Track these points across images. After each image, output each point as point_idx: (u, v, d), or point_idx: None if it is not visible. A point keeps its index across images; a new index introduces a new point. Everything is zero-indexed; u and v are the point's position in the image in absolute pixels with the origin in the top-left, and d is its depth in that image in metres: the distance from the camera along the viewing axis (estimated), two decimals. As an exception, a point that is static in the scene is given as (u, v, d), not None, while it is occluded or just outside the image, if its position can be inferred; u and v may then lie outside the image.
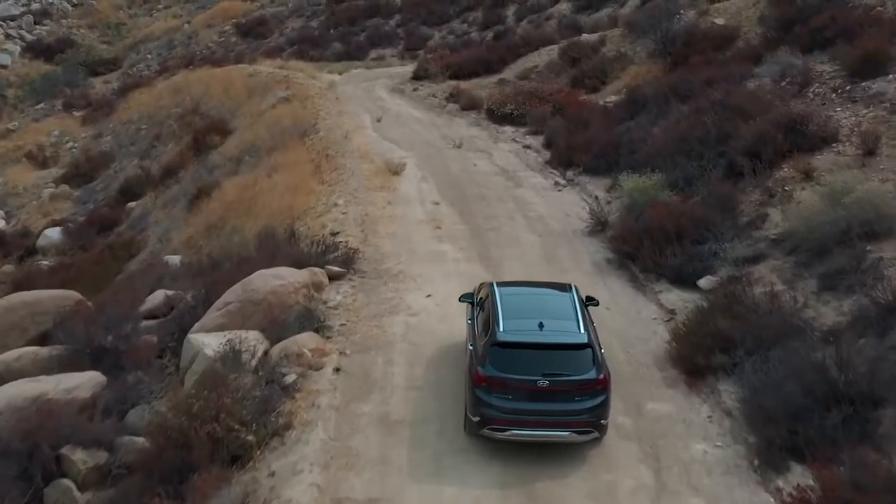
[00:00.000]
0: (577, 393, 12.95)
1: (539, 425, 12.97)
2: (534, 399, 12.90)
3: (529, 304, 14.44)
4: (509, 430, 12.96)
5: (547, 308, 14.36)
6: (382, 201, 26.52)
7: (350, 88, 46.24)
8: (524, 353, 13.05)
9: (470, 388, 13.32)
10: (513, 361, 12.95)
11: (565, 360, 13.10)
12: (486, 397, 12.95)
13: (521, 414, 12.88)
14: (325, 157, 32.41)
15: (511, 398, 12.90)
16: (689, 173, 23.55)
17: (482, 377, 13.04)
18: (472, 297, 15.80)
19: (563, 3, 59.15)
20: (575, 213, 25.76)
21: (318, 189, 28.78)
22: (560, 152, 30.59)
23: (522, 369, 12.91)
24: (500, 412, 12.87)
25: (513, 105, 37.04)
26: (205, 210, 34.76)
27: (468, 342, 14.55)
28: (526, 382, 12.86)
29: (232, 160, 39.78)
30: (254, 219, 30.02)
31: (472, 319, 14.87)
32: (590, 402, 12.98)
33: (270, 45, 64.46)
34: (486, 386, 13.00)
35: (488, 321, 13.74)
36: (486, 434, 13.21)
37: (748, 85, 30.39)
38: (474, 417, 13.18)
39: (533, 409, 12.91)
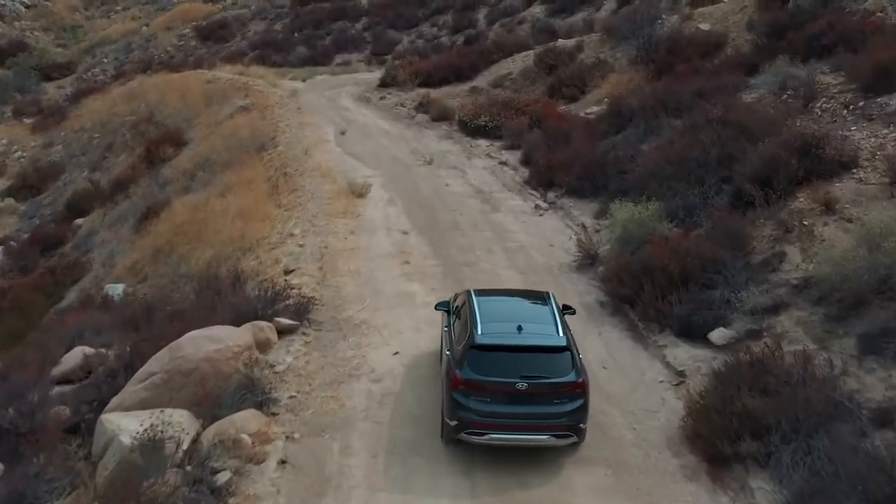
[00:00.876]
0: (555, 396, 12.49)
1: (518, 429, 12.54)
2: (512, 402, 12.46)
3: (507, 310, 14.13)
4: (488, 433, 12.49)
5: (525, 313, 13.93)
6: (344, 230, 23.36)
7: (313, 97, 43.01)
8: (503, 356, 12.60)
9: (447, 392, 12.79)
10: (491, 364, 12.52)
11: (544, 363, 12.66)
12: (464, 401, 12.48)
13: (499, 417, 12.43)
14: (283, 175, 29.20)
15: (489, 401, 12.44)
16: (689, 202, 20.59)
17: (460, 380, 12.54)
18: (447, 306, 15.36)
19: (537, 7, 56.26)
20: (559, 243, 22.77)
21: (273, 214, 25.59)
22: (540, 171, 27.57)
23: (501, 372, 12.46)
24: (478, 416, 12.41)
25: (487, 116, 34.00)
26: (153, 232, 31.48)
27: (444, 349, 14.01)
28: (504, 385, 12.41)
29: (185, 175, 36.48)
30: (203, 246, 26.83)
31: (449, 327, 14.42)
32: (569, 405, 12.51)
33: (232, 49, 61.07)
34: (464, 389, 12.52)
35: (466, 326, 13.28)
36: (464, 438, 12.67)
37: (744, 98, 27.60)
38: (451, 421, 12.64)
39: (511, 413, 12.46)
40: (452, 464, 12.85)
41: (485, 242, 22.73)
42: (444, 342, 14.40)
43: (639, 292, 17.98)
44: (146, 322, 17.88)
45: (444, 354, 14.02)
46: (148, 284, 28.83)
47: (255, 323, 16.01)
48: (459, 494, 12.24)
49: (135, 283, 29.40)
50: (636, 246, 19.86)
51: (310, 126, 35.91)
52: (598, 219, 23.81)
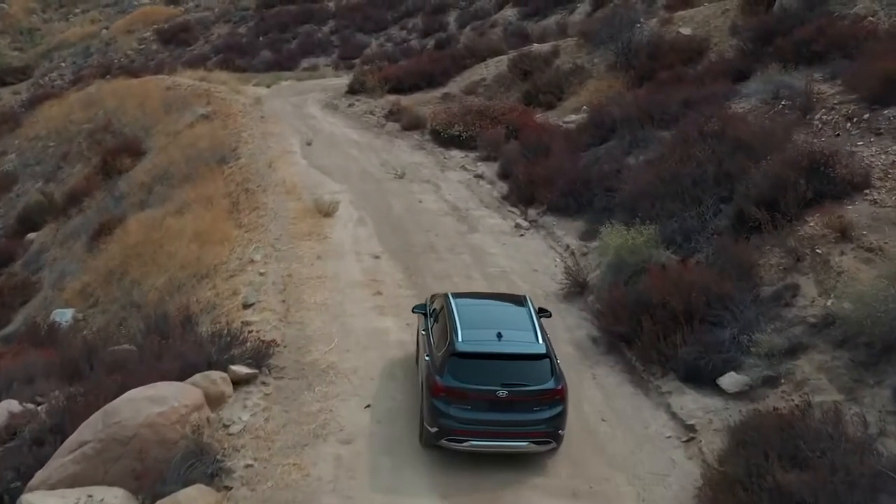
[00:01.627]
0: (535, 403, 12.43)
1: (498, 436, 12.43)
2: (493, 409, 12.36)
3: (486, 315, 13.92)
4: (468, 440, 12.39)
5: (503, 319, 13.80)
6: (310, 255, 21.26)
7: (278, 104, 40.79)
8: (483, 364, 12.49)
9: (428, 399, 12.59)
10: (472, 372, 12.39)
11: (524, 371, 12.58)
12: (445, 408, 12.36)
13: (480, 424, 12.31)
14: (245, 191, 27.03)
15: (470, 408, 12.32)
16: (687, 225, 18.71)
17: (441, 387, 12.43)
18: (425, 308, 15.04)
19: (509, 10, 54.36)
20: (544, 268, 20.85)
21: (233, 235, 23.43)
22: (519, 186, 25.62)
23: (481, 379, 12.35)
24: (458, 423, 12.29)
25: (461, 126, 32.00)
26: (106, 251, 29.24)
27: (424, 354, 13.67)
28: (485, 392, 12.30)
29: (142, 188, 34.18)
30: (157, 270, 24.69)
31: (427, 330, 14.13)
32: (548, 412, 12.44)
33: (194, 53, 58.63)
34: (445, 396, 12.39)
35: (446, 332, 13.09)
36: (445, 445, 12.51)
37: (734, 107, 25.84)
38: (432, 428, 12.47)
39: (492, 420, 12.37)
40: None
41: (463, 268, 20.75)
42: (423, 346, 14.08)
43: (637, 330, 16.07)
44: (86, 366, 15.67)
45: (423, 359, 13.66)
46: (99, 310, 26.64)
47: (207, 374, 13.90)
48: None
49: (85, 308, 27.21)
50: (630, 275, 17.96)
51: (274, 136, 33.73)
52: (584, 240, 21.90)
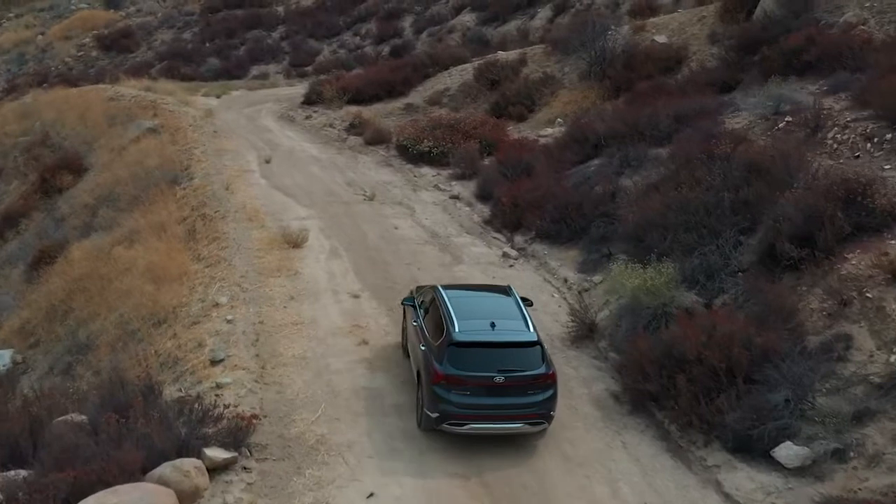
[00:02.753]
0: (529, 387, 13.07)
1: (495, 419, 13.06)
2: (490, 394, 12.99)
3: (477, 306, 14.51)
4: (468, 423, 13.00)
5: (494, 309, 14.36)
6: (282, 295, 18.83)
7: (231, 116, 38.11)
8: (480, 352, 13.12)
9: (428, 386, 13.11)
10: (469, 359, 12.98)
11: (518, 357, 13.23)
12: (445, 394, 12.95)
13: (478, 409, 12.95)
14: (202, 217, 24.42)
15: (469, 394, 12.93)
16: (709, 262, 16.62)
17: (441, 375, 13.00)
18: (413, 301, 15.51)
19: (466, 15, 52.22)
20: (542, 305, 18.65)
21: (191, 271, 20.85)
22: (504, 210, 23.42)
23: (479, 366, 12.96)
24: (458, 408, 12.91)
25: (431, 141, 29.72)
26: (47, 284, 26.39)
27: (419, 344, 14.09)
28: (483, 379, 12.94)
29: (85, 210, 31.35)
30: (106, 308, 22.03)
31: (418, 321, 14.63)
32: (541, 395, 13.11)
33: (137, 60, 55.45)
34: (445, 383, 12.97)
35: (441, 322, 13.63)
36: (445, 429, 13.10)
37: (728, 122, 24.02)
38: (433, 414, 13.04)
39: (489, 404, 12.99)
40: None
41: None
42: (415, 337, 14.55)
43: (668, 388, 13.96)
44: (29, 447, 13.06)
45: (418, 349, 14.08)
46: (41, 351, 23.90)
47: (178, 464, 11.44)
48: None
49: (25, 349, 24.41)
50: (649, 319, 15.83)
51: (229, 153, 31.10)
52: (584, 273, 19.79)
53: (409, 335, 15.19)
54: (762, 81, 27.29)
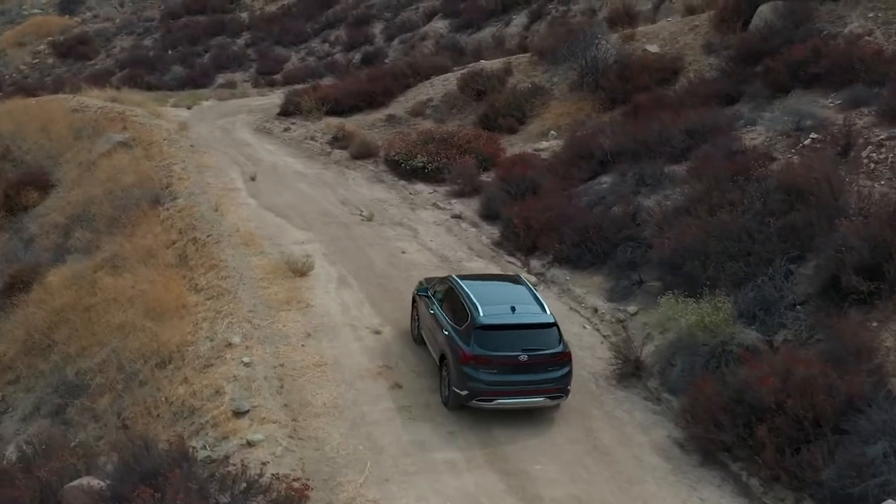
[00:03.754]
0: (549, 364, 14.15)
1: (520, 394, 14.09)
2: (514, 372, 14.02)
3: (495, 293, 15.45)
4: (495, 399, 14.05)
5: (510, 295, 15.31)
6: (297, 332, 17.38)
7: (205, 129, 36.35)
8: (504, 334, 14.19)
9: (456, 367, 14.04)
10: (495, 341, 14.01)
11: (538, 337, 14.31)
12: (474, 373, 13.91)
13: (504, 385, 13.99)
14: (193, 242, 22.79)
15: (496, 372, 13.94)
16: (765, 294, 15.53)
17: (470, 356, 13.96)
18: (426, 291, 16.52)
19: (438, 22, 50.98)
20: (574, 338, 17.43)
21: (191, 303, 19.27)
22: (517, 232, 22.14)
23: (504, 347, 14.04)
24: (486, 385, 13.90)
25: (424, 156, 28.35)
26: (24, 313, 24.48)
27: (441, 330, 15.00)
28: (509, 358, 13.97)
29: (57, 230, 29.45)
30: (96, 343, 20.40)
31: (435, 309, 15.57)
32: (559, 371, 14.23)
33: (96, 68, 53.22)
34: (474, 363, 13.90)
35: (463, 308, 14.69)
36: (474, 405, 14.07)
37: (745, 138, 23.14)
38: (462, 392, 14.00)
39: (514, 381, 14.03)
40: None
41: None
42: (433, 324, 15.58)
43: (744, 438, 12.81)
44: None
45: (439, 334, 15.08)
46: (21, 387, 22.09)
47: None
48: None
49: (3, 385, 22.56)
50: (707, 359, 14.70)
51: (210, 169, 29.43)
52: (614, 302, 18.63)
53: (426, 323, 16.12)
54: (767, 93, 26.54)
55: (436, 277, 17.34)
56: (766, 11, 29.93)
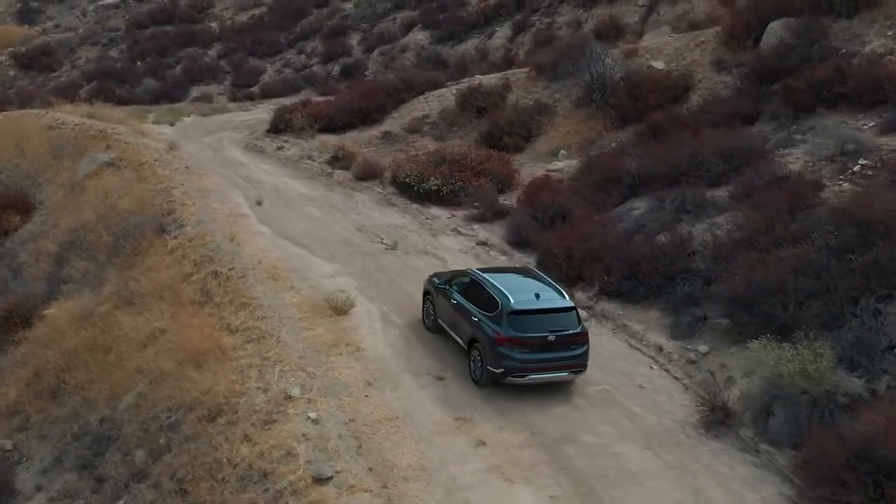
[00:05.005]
0: (571, 343, 15.88)
1: (548, 370, 15.85)
2: (543, 350, 15.73)
3: (517, 282, 17.06)
4: (527, 375, 15.81)
5: (530, 284, 17.06)
6: (356, 380, 16.28)
7: (194, 147, 34.87)
8: (533, 317, 15.94)
9: (491, 348, 15.76)
10: (526, 324, 15.80)
11: (561, 320, 16.03)
12: (509, 352, 15.63)
13: (535, 362, 15.73)
14: (213, 275, 21.46)
15: (528, 351, 15.68)
16: (863, 338, 14.83)
17: (505, 338, 15.67)
18: (444, 285, 18.01)
19: (418, 33, 49.95)
20: (646, 380, 16.78)
21: (228, 346, 17.98)
22: (559, 263, 21.21)
23: (534, 329, 15.80)
24: (520, 363, 15.65)
25: (438, 179, 27.31)
26: (26, 353, 23.01)
27: (468, 317, 16.69)
28: (539, 338, 15.72)
29: (48, 258, 27.85)
30: (120, 388, 19.10)
31: (457, 300, 17.22)
32: (579, 349, 15.97)
33: (61, 80, 51.10)
34: (509, 344, 15.62)
35: (492, 297, 16.38)
36: (509, 381, 15.77)
37: (783, 161, 22.59)
38: (498, 370, 15.71)
39: (543, 358, 15.76)
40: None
41: (551, 388, 16.26)
42: (457, 313, 17.18)
43: (875, 499, 12.05)
44: None
45: (465, 322, 16.79)
46: (34, 434, 20.68)
47: None
48: None
49: (12, 432, 21.08)
50: (811, 409, 13.95)
51: (212, 193, 28.03)
52: (678, 340, 17.83)
53: (447, 313, 17.63)
54: (789, 113, 26.07)
55: (449, 271, 19.17)
56: (778, 28, 29.50)
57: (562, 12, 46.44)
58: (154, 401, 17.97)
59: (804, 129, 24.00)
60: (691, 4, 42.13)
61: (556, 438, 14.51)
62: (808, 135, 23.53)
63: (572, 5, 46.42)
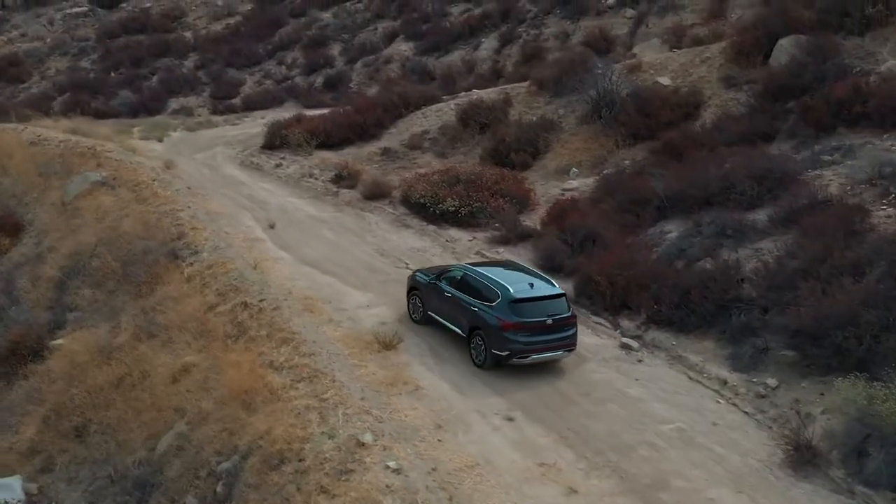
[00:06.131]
0: (564, 325, 17.74)
1: (547, 350, 17.67)
2: (542, 333, 17.53)
3: (508, 275, 18.68)
4: (530, 356, 17.53)
5: (519, 276, 18.73)
6: (424, 423, 15.66)
7: (188, 165, 33.86)
8: (532, 304, 17.63)
9: (497, 333, 17.45)
10: (526, 310, 17.53)
11: (554, 305, 17.84)
12: (513, 336, 17.37)
13: (535, 344, 17.48)
14: (243, 307, 20.61)
15: (529, 334, 17.42)
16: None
17: (510, 323, 17.37)
18: (434, 279, 19.59)
19: (402, 44, 49.34)
20: (714, 415, 16.31)
21: (277, 385, 17.17)
22: (602, 291, 20.76)
23: (534, 314, 17.54)
24: (523, 345, 17.39)
25: (455, 200, 26.72)
26: (39, 387, 22.00)
27: (466, 308, 18.35)
28: (539, 322, 17.48)
29: (48, 285, 26.75)
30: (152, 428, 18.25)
31: (451, 293, 18.91)
32: (571, 331, 17.88)
33: (32, 91, 49.43)
34: (513, 329, 17.34)
35: (490, 288, 18.12)
36: (514, 362, 17.50)
37: (816, 184, 22.41)
38: (504, 352, 17.44)
39: (543, 340, 17.57)
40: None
41: (624, 425, 15.80)
42: (452, 305, 18.81)
43: None
44: None
45: (462, 312, 18.45)
46: (61, 476, 19.68)
47: None
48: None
49: (35, 474, 20.06)
50: (907, 448, 13.66)
51: (220, 215, 27.14)
52: (742, 372, 17.48)
53: (439, 306, 19.18)
54: (808, 132, 25.98)
55: (433, 267, 20.74)
56: (788, 45, 29.46)
57: (548, 24, 46.24)
58: (199, 443, 17.14)
59: (830, 150, 23.86)
60: (680, 17, 42.15)
61: (647, 484, 14.01)
62: (837, 155, 23.37)
63: (559, 17, 46.19)
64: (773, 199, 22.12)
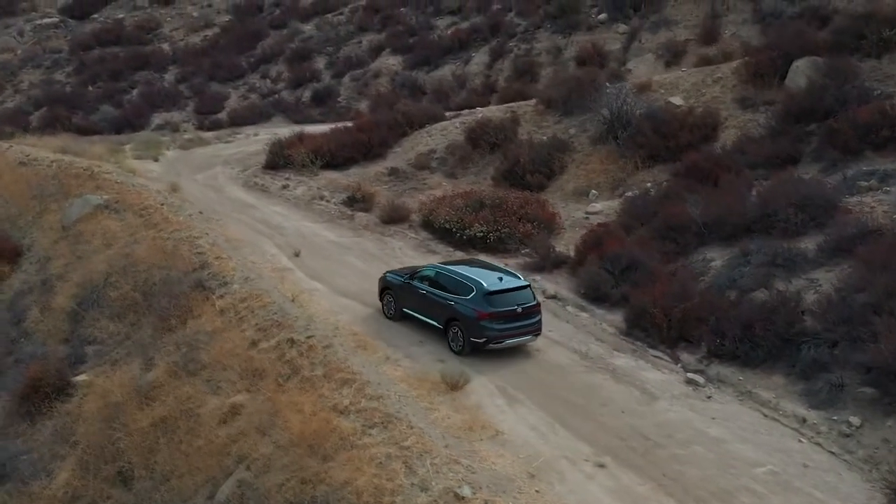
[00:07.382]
0: (531, 313, 19.79)
1: (518, 335, 19.74)
2: (513, 320, 19.57)
3: (477, 272, 20.61)
4: (504, 341, 19.55)
5: (487, 271, 20.82)
6: (516, 473, 15.14)
7: (193, 188, 32.93)
8: (503, 296, 19.63)
9: (474, 323, 19.46)
10: (498, 301, 19.50)
11: (522, 295, 19.84)
12: (489, 325, 19.35)
13: (508, 330, 19.57)
14: (290, 343, 19.85)
15: (502, 322, 19.43)
16: None
17: (485, 314, 19.36)
18: (407, 278, 21.46)
19: (390, 58, 48.71)
20: (799, 455, 16.08)
21: (348, 431, 16.48)
22: (658, 324, 20.43)
23: (506, 304, 19.52)
24: (497, 332, 19.44)
25: (483, 226, 26.26)
26: (80, 432, 21.04)
27: (442, 302, 20.29)
28: (510, 311, 19.49)
29: (62, 316, 25.71)
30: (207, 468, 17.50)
31: (426, 290, 20.83)
32: (536, 318, 19.94)
33: (7, 105, 47.77)
34: (488, 318, 19.32)
35: (465, 284, 20.10)
36: (490, 347, 19.51)
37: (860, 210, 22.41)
38: (481, 339, 19.47)
39: (514, 327, 19.61)
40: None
41: (716, 469, 15.48)
42: (427, 301, 20.78)
43: None
44: None
45: (437, 306, 20.47)
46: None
47: None
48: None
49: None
50: None
51: (241, 243, 26.32)
52: (820, 409, 17.25)
53: (413, 302, 21.05)
54: (834, 155, 26.04)
55: (404, 268, 22.78)
56: (805, 67, 29.60)
57: (539, 38, 46.01)
58: (265, 491, 16.39)
59: (864, 175, 23.84)
60: (673, 33, 42.21)
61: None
62: (873, 181, 23.39)
63: (549, 31, 45.98)
64: (817, 226, 22.05)
